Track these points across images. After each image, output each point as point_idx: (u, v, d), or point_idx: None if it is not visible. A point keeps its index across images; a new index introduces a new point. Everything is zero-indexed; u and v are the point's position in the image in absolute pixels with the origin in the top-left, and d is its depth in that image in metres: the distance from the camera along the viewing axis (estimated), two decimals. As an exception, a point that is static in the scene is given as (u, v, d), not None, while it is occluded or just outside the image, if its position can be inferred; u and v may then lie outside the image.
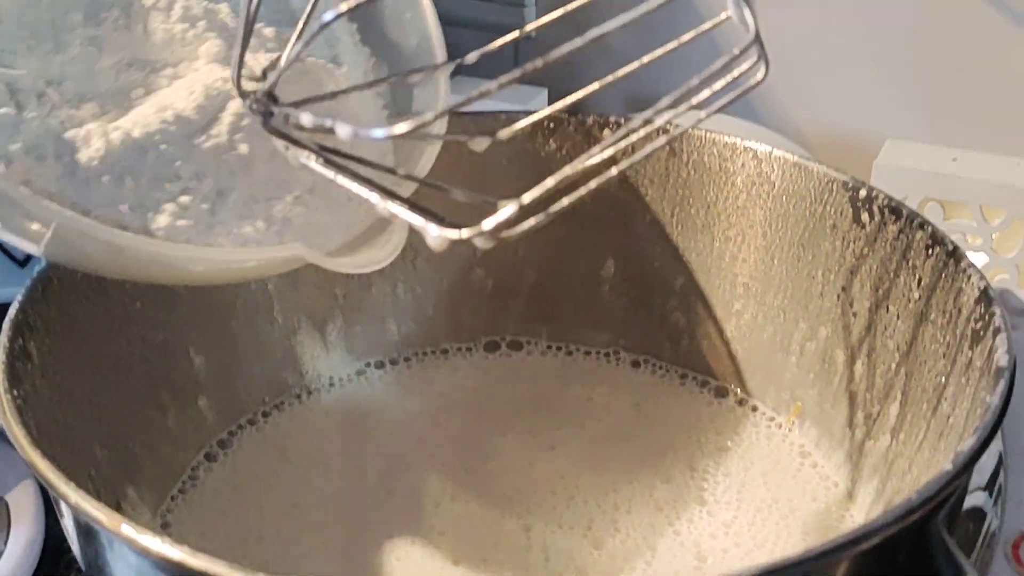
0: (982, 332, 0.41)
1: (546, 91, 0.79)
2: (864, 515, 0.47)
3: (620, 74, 0.36)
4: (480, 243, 0.34)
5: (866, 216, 0.49)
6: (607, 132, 0.56)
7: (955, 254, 0.44)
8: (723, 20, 0.38)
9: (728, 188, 0.55)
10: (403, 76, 0.39)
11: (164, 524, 0.47)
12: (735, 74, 0.36)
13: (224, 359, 0.52)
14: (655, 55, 0.37)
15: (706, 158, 0.55)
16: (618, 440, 0.53)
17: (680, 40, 0.37)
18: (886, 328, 0.48)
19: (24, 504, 0.48)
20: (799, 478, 0.50)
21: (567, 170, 0.32)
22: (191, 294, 0.51)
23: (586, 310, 0.59)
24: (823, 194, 0.51)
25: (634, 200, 0.57)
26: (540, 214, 0.33)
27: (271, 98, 0.35)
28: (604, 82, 0.35)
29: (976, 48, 0.71)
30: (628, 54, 0.36)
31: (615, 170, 0.34)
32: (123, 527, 0.32)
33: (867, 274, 0.49)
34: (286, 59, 0.34)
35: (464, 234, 0.32)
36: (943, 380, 0.43)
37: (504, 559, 0.45)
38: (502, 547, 0.46)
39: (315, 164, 0.35)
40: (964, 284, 0.43)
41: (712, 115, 0.35)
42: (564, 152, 0.56)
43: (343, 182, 0.35)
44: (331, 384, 0.56)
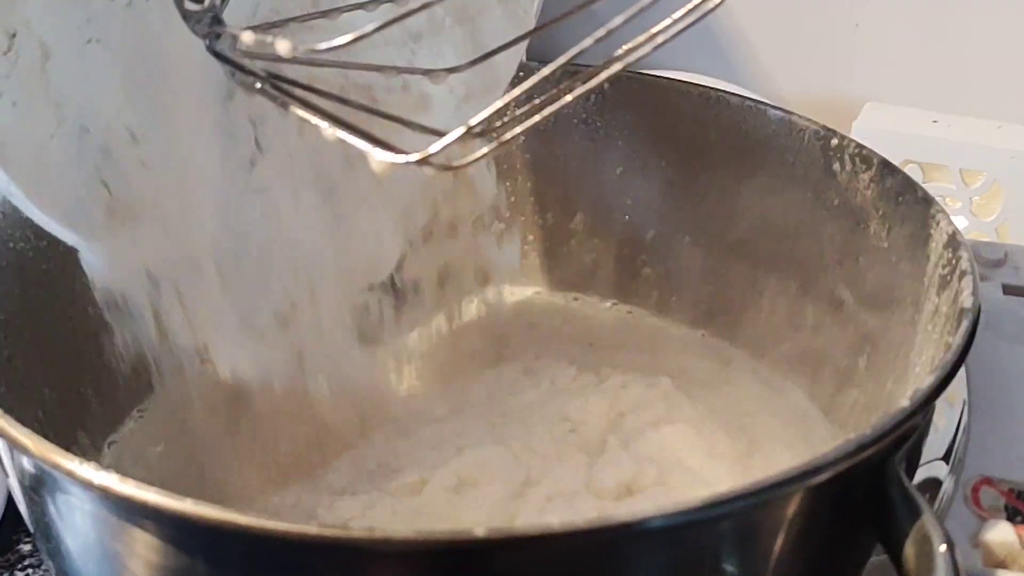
0: (949, 277, 0.40)
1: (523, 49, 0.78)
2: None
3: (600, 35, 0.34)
4: (430, 172, 0.33)
5: (837, 165, 0.48)
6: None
7: (925, 200, 0.43)
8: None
9: (701, 140, 0.54)
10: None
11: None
12: (693, 3, 0.35)
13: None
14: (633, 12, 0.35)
15: (678, 109, 0.54)
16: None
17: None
18: (856, 279, 0.47)
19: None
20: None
21: (516, 92, 0.31)
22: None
23: (555, 262, 0.58)
24: (796, 144, 0.50)
25: (605, 153, 0.56)
26: (491, 142, 0.32)
27: (216, 20, 0.34)
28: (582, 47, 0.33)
29: (957, 12, 0.71)
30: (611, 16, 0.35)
31: (569, 97, 0.33)
32: (80, 466, 0.30)
33: (838, 224, 0.48)
34: (226, -26, 0.33)
35: (409, 159, 0.31)
36: (911, 329, 0.43)
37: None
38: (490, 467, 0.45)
39: (261, 90, 0.34)
40: (933, 230, 0.42)
41: (669, 40, 0.34)
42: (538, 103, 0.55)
43: (289, 108, 0.34)
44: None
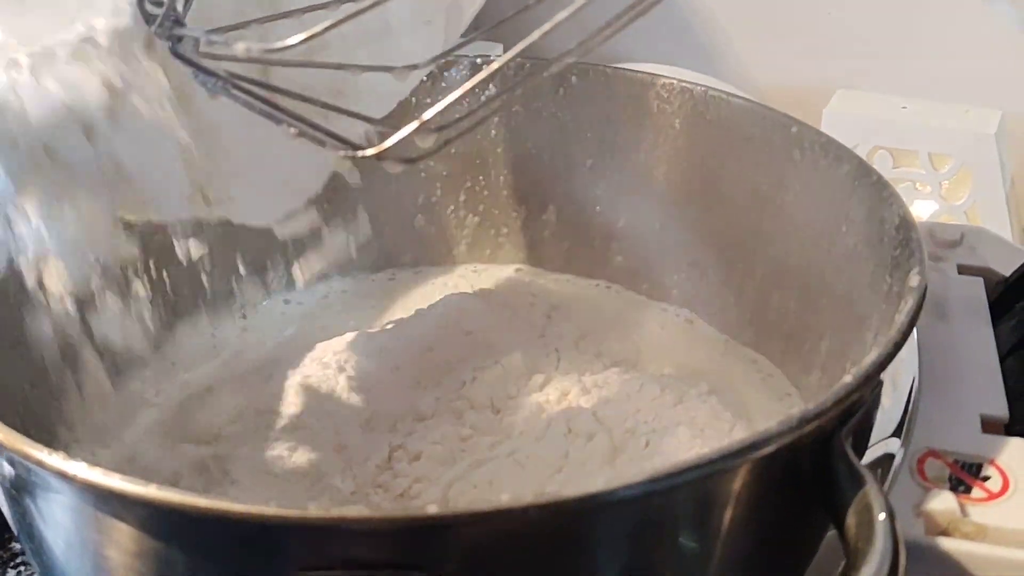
0: (900, 258, 0.41)
1: (501, 46, 0.79)
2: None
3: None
4: (388, 167, 0.34)
5: (797, 153, 0.49)
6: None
7: (879, 183, 0.44)
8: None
9: (667, 130, 0.55)
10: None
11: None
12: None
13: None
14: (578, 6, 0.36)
15: (644, 100, 0.55)
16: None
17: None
18: (816, 265, 0.48)
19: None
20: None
21: (468, 85, 0.32)
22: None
23: (529, 253, 0.59)
24: (758, 132, 0.51)
25: (574, 144, 0.57)
26: (446, 136, 0.34)
27: (177, 23, 0.35)
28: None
29: (926, 1, 0.72)
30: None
31: (520, 88, 0.34)
32: (49, 456, 0.31)
33: (799, 211, 0.50)
34: (184, -23, 0.34)
35: (366, 152, 0.32)
36: (867, 311, 0.44)
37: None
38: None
39: (223, 91, 0.35)
40: (886, 212, 0.43)
41: (625, 25, 0.35)
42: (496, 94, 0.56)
43: (251, 107, 0.35)
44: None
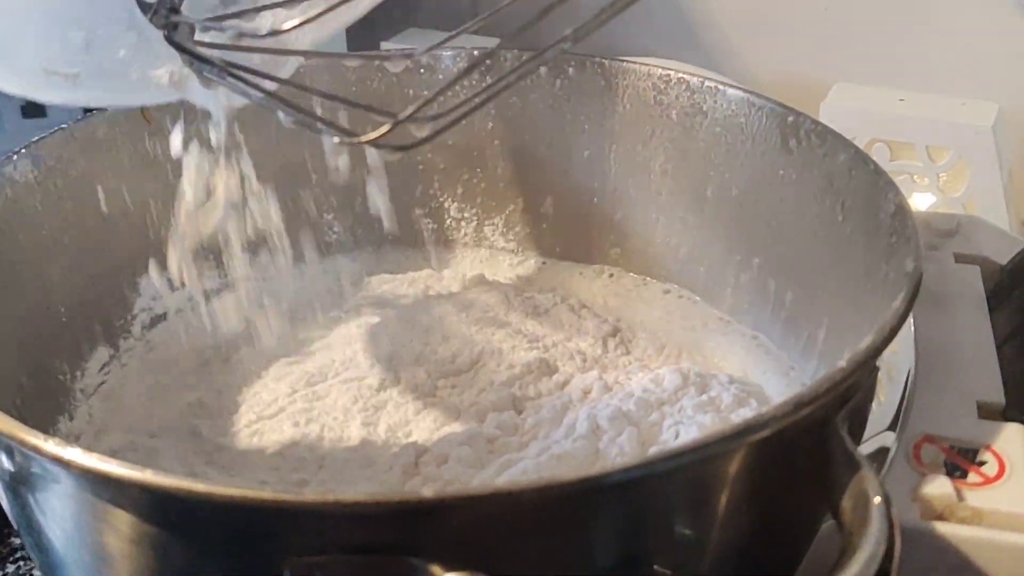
0: (896, 245, 0.41)
1: (498, 40, 0.79)
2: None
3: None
4: (384, 155, 0.34)
5: (793, 142, 0.49)
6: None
7: (875, 172, 0.44)
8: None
9: (664, 121, 0.55)
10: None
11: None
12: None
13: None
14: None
15: (641, 92, 0.55)
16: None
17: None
18: (813, 254, 0.48)
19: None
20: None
21: (463, 74, 0.32)
22: (126, 227, 0.51)
23: (527, 244, 0.59)
24: (753, 122, 0.51)
25: (571, 137, 0.58)
26: (442, 124, 0.34)
27: (173, 11, 0.35)
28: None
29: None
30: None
31: (515, 76, 0.34)
32: (45, 442, 0.30)
33: (796, 201, 0.49)
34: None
35: (361, 139, 0.33)
36: (864, 299, 0.44)
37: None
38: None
39: (219, 78, 0.35)
40: (882, 201, 0.43)
41: (619, 11, 0.35)
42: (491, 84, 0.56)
43: (246, 94, 0.35)
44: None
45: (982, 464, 0.35)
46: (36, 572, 0.48)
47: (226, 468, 0.46)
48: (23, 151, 0.47)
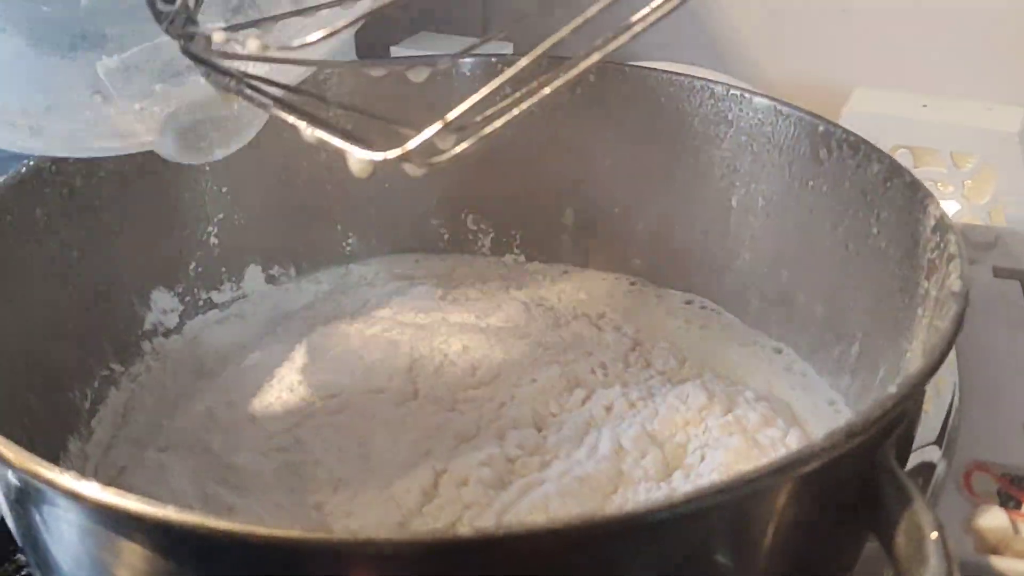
0: (937, 261, 0.39)
1: (511, 45, 0.78)
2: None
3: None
4: (410, 170, 0.33)
5: (824, 152, 0.48)
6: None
7: (912, 184, 0.43)
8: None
9: (686, 130, 0.54)
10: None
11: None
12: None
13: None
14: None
15: (663, 100, 0.54)
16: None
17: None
18: (845, 266, 0.47)
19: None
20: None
21: (492, 85, 0.31)
22: (134, 243, 0.50)
23: (547, 257, 0.58)
24: (781, 131, 0.50)
25: (592, 146, 0.56)
26: (470, 137, 0.32)
27: (190, 21, 0.34)
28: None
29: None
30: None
31: (547, 89, 0.33)
32: (61, 475, 0.29)
33: (826, 212, 0.48)
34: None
35: (388, 155, 0.31)
36: (901, 315, 0.42)
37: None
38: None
39: (237, 90, 0.34)
40: (921, 214, 0.42)
41: (647, 28, 0.34)
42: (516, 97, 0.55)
43: (266, 108, 0.33)
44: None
45: (1035, 493, 0.34)
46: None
47: (238, 488, 0.44)
48: (30, 163, 0.45)
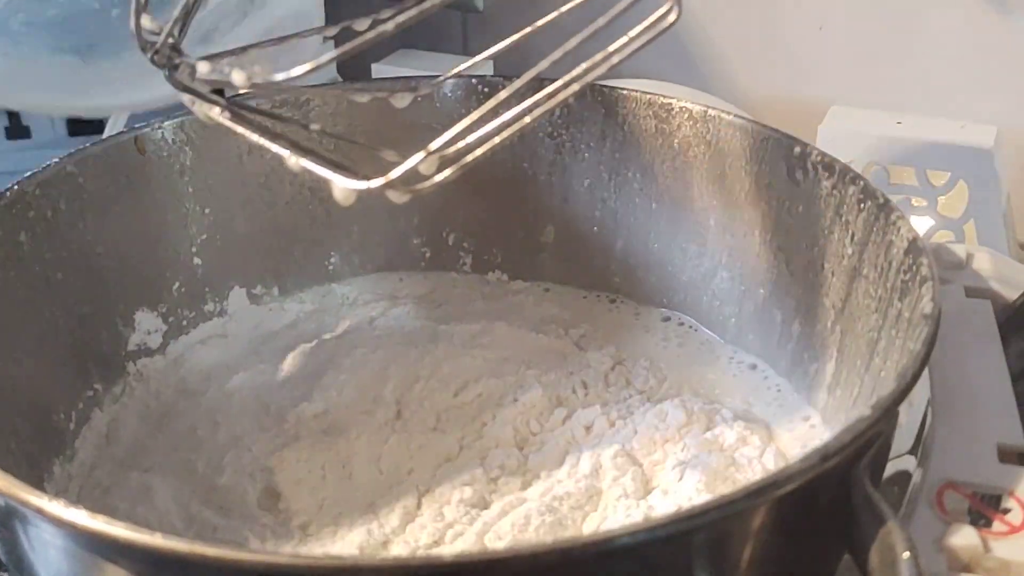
0: (910, 283, 0.40)
1: (491, 63, 0.78)
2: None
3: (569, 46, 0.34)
4: (394, 197, 0.33)
5: (800, 173, 0.49)
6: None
7: (886, 207, 0.44)
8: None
9: (665, 150, 0.54)
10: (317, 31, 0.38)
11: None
12: (650, 20, 0.35)
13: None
14: (598, 26, 0.35)
15: (642, 120, 0.54)
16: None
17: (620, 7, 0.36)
18: (821, 286, 0.48)
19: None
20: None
21: (475, 115, 0.31)
22: (117, 265, 0.50)
23: (527, 277, 0.59)
24: (758, 152, 0.50)
25: (572, 165, 0.57)
26: (452, 166, 0.33)
27: (175, 50, 0.34)
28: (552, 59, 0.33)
29: (919, 14, 0.71)
30: (574, 27, 0.35)
31: (528, 118, 0.33)
32: (49, 503, 0.30)
33: (802, 232, 0.49)
34: (182, 6, 0.33)
35: (372, 185, 0.32)
36: (875, 335, 0.43)
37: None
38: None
39: (222, 119, 0.34)
40: (894, 236, 0.42)
41: (625, 60, 0.34)
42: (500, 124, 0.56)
43: (250, 136, 0.34)
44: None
45: (1006, 512, 0.35)
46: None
47: (224, 509, 0.45)
48: (15, 187, 0.45)
